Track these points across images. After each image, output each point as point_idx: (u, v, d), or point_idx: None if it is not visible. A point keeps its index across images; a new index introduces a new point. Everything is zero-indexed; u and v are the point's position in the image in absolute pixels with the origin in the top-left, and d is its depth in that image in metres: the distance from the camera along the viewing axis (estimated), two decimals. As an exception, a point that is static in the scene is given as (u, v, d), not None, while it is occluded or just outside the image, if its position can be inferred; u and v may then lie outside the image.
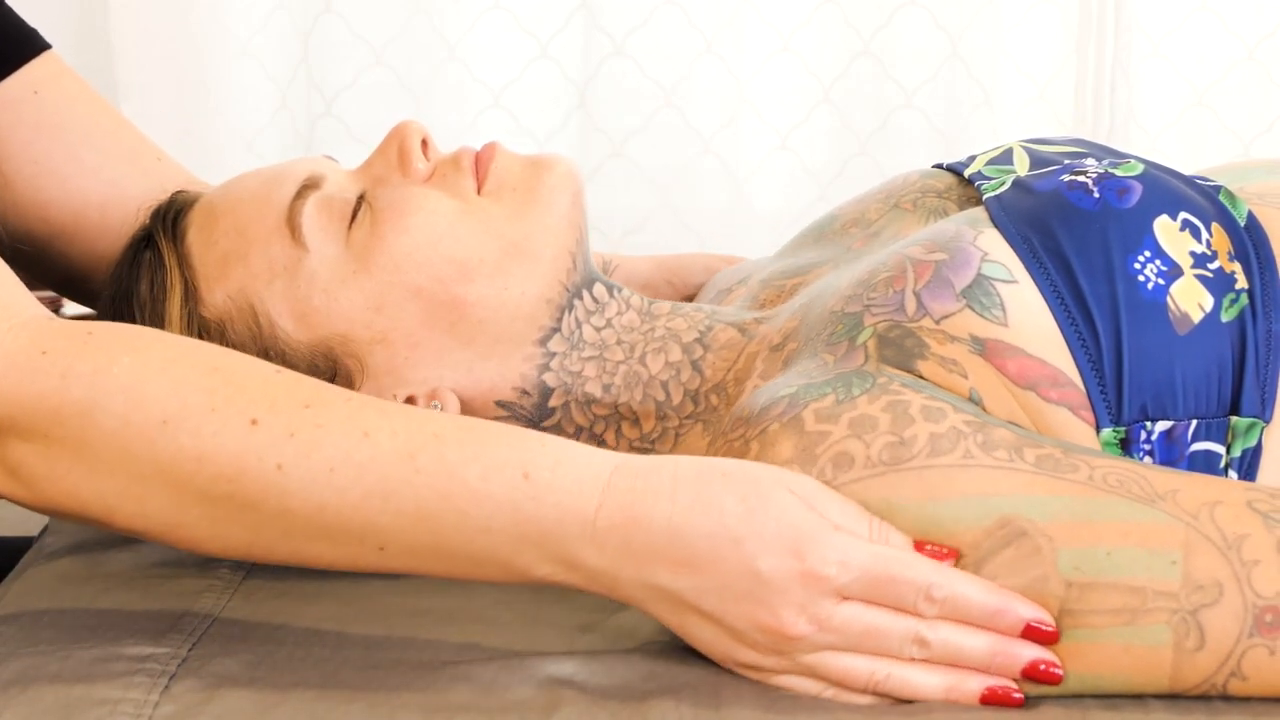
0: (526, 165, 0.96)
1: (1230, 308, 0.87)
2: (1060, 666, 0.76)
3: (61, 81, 1.13)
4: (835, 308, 0.91)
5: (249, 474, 0.77)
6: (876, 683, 0.77)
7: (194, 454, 0.77)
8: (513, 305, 0.93)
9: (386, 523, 0.78)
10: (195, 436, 0.77)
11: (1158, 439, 0.86)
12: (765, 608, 0.76)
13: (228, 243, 0.93)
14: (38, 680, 0.77)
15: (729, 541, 0.76)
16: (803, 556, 0.76)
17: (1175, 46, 1.92)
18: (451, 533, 0.78)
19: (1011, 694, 0.76)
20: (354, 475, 0.77)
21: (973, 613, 0.76)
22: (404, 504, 0.77)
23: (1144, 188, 0.90)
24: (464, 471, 0.78)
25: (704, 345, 0.96)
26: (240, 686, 0.77)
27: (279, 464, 0.77)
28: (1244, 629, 0.75)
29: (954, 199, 1.00)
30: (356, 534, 0.78)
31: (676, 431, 0.94)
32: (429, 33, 1.79)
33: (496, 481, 0.78)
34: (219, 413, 0.77)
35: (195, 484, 0.77)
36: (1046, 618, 0.76)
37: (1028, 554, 0.76)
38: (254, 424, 0.78)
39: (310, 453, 0.77)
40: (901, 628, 0.76)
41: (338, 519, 0.78)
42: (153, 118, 1.68)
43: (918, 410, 0.81)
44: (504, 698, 0.76)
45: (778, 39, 1.88)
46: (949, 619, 0.76)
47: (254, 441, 0.77)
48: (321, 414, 0.79)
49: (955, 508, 0.78)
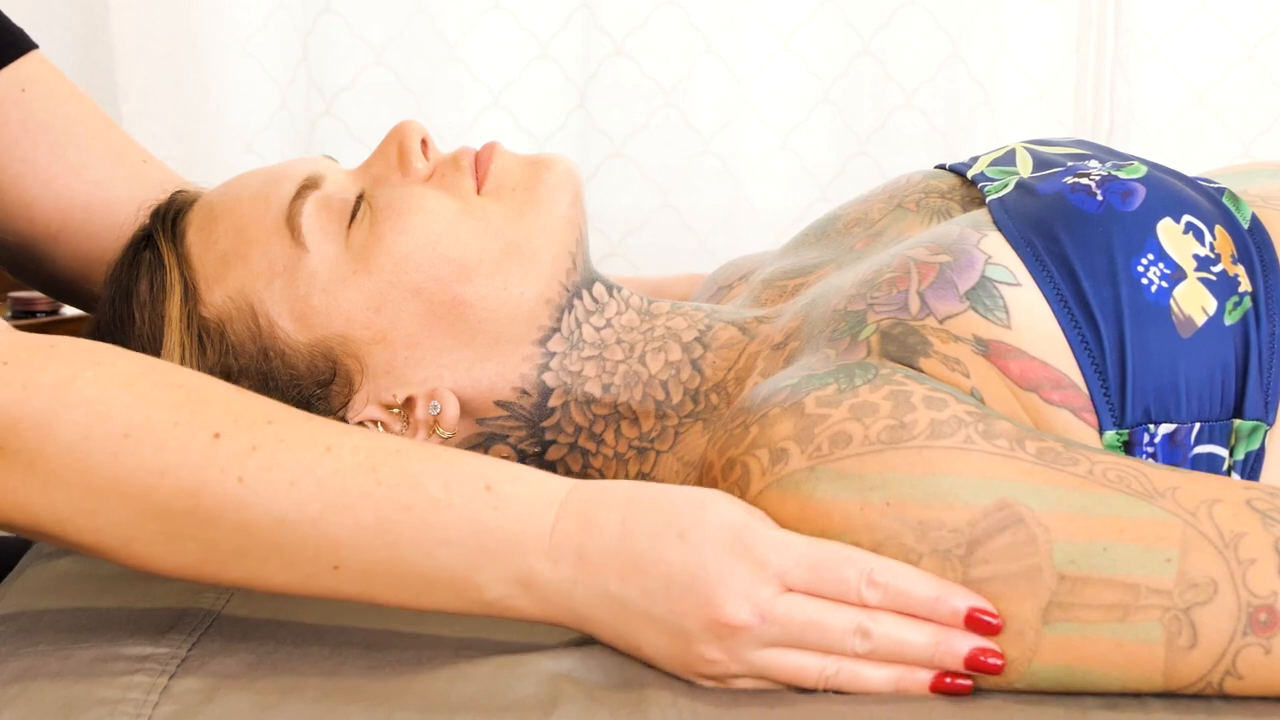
0: (526, 165, 0.96)
1: (1233, 311, 0.87)
2: (1001, 657, 0.76)
3: (48, 81, 1.13)
4: (838, 306, 0.91)
5: (210, 487, 0.77)
6: (827, 679, 0.77)
7: (156, 467, 0.77)
8: (512, 305, 0.93)
9: (344, 537, 0.77)
10: (158, 450, 0.77)
11: (1160, 442, 0.86)
12: (709, 600, 0.76)
13: (227, 242, 0.93)
14: (38, 680, 0.77)
15: (674, 535, 0.77)
16: (745, 546, 0.77)
17: (1175, 46, 1.92)
18: (409, 547, 0.78)
19: (959, 682, 0.77)
20: (315, 488, 0.77)
21: (915, 598, 0.77)
22: (364, 516, 0.77)
23: (1147, 190, 0.90)
24: (426, 482, 0.78)
25: (704, 344, 0.96)
26: (240, 686, 0.77)
27: (240, 477, 0.77)
28: (1238, 628, 0.75)
29: (957, 200, 1.00)
30: (312, 551, 0.78)
31: (676, 430, 0.94)
32: (429, 33, 1.79)
33: (458, 492, 0.79)
34: (182, 426, 0.77)
35: (154, 498, 0.77)
36: (989, 606, 0.76)
37: (1023, 541, 0.76)
38: (217, 438, 0.77)
39: (272, 466, 0.77)
40: (844, 618, 0.77)
41: (295, 534, 0.77)
42: (153, 118, 1.68)
43: (920, 399, 0.82)
44: (504, 695, 0.76)
45: (778, 39, 1.88)
46: (891, 610, 0.77)
47: (216, 455, 0.77)
48: (284, 430, 0.79)
49: (953, 483, 0.78)
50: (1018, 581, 0.76)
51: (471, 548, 0.78)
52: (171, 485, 0.77)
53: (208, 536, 0.78)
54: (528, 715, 0.74)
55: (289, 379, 0.92)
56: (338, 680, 0.78)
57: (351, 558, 0.78)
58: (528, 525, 0.78)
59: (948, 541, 0.77)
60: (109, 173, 1.12)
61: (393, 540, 0.78)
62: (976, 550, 0.77)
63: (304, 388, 0.92)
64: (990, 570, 0.76)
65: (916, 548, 0.77)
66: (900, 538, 0.78)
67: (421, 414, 0.93)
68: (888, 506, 0.78)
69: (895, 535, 0.78)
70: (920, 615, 0.77)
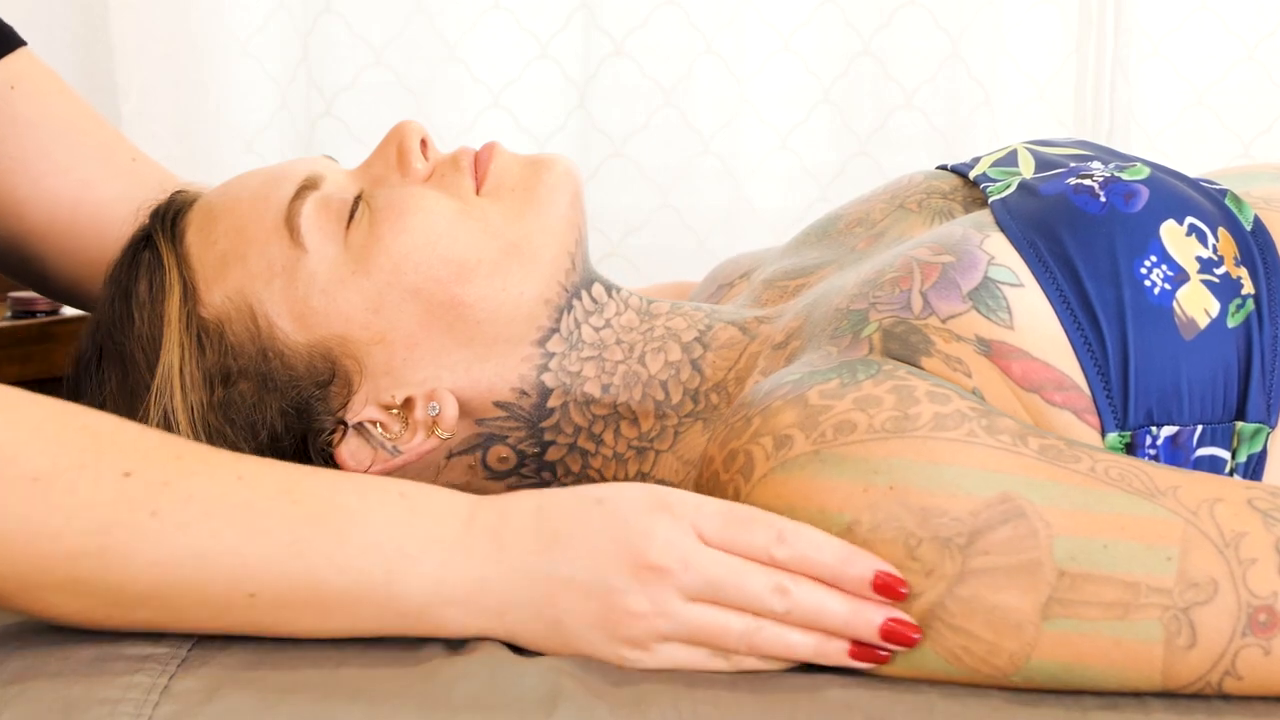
0: (525, 165, 0.96)
1: (1236, 313, 0.87)
2: (918, 631, 0.77)
3: (38, 78, 1.12)
4: (840, 305, 0.91)
5: (122, 523, 0.76)
6: (749, 637, 0.78)
7: (65, 509, 0.76)
8: (511, 306, 0.93)
9: (260, 561, 0.77)
10: (67, 492, 0.76)
11: (1163, 444, 0.86)
12: (633, 546, 0.78)
13: (226, 243, 0.93)
14: (38, 679, 0.76)
15: (592, 503, 0.79)
16: (664, 503, 0.79)
17: (1175, 46, 1.92)
18: (324, 563, 0.77)
19: (877, 652, 0.78)
20: (229, 515, 0.77)
21: (824, 558, 0.78)
22: (279, 536, 0.77)
23: (1150, 192, 0.90)
24: (341, 498, 0.79)
25: (704, 344, 0.96)
26: (240, 686, 0.77)
27: (153, 511, 0.76)
28: (1237, 628, 0.75)
29: (959, 200, 1.01)
30: (227, 579, 0.77)
31: (676, 430, 0.94)
32: (429, 33, 1.79)
33: (374, 500, 0.79)
34: (90, 469, 0.76)
35: (64, 542, 0.76)
36: (896, 571, 0.77)
37: (1024, 535, 0.76)
38: (127, 476, 0.77)
39: (185, 498, 0.77)
40: (763, 575, 0.78)
41: (210, 563, 0.77)
42: (153, 118, 1.68)
43: (923, 393, 0.82)
44: (504, 695, 0.76)
45: (778, 39, 1.88)
46: (802, 573, 0.78)
47: (127, 492, 0.76)
48: (195, 464, 0.79)
49: (957, 473, 0.78)
50: (1018, 575, 0.76)
51: (389, 552, 0.78)
52: (81, 525, 0.76)
53: (117, 579, 0.77)
54: (528, 714, 0.74)
55: (288, 379, 0.92)
56: (338, 680, 0.78)
57: (267, 583, 0.77)
58: (443, 520, 0.79)
59: (949, 529, 0.77)
60: (96, 171, 1.12)
61: (309, 557, 0.77)
62: (977, 541, 0.77)
63: (302, 388, 0.92)
64: (990, 561, 0.76)
65: (917, 532, 0.77)
66: (901, 520, 0.78)
67: (420, 414, 0.93)
68: (891, 490, 0.78)
69: (896, 518, 0.78)
70: (828, 580, 0.78)
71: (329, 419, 0.92)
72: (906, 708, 0.76)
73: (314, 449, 0.92)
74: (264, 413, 0.91)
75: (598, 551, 0.78)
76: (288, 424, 0.91)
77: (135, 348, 0.92)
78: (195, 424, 0.90)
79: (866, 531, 0.78)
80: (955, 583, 0.76)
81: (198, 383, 0.91)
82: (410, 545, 0.78)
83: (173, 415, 0.90)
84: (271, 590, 0.78)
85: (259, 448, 0.91)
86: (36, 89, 1.12)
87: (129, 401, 0.91)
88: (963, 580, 0.76)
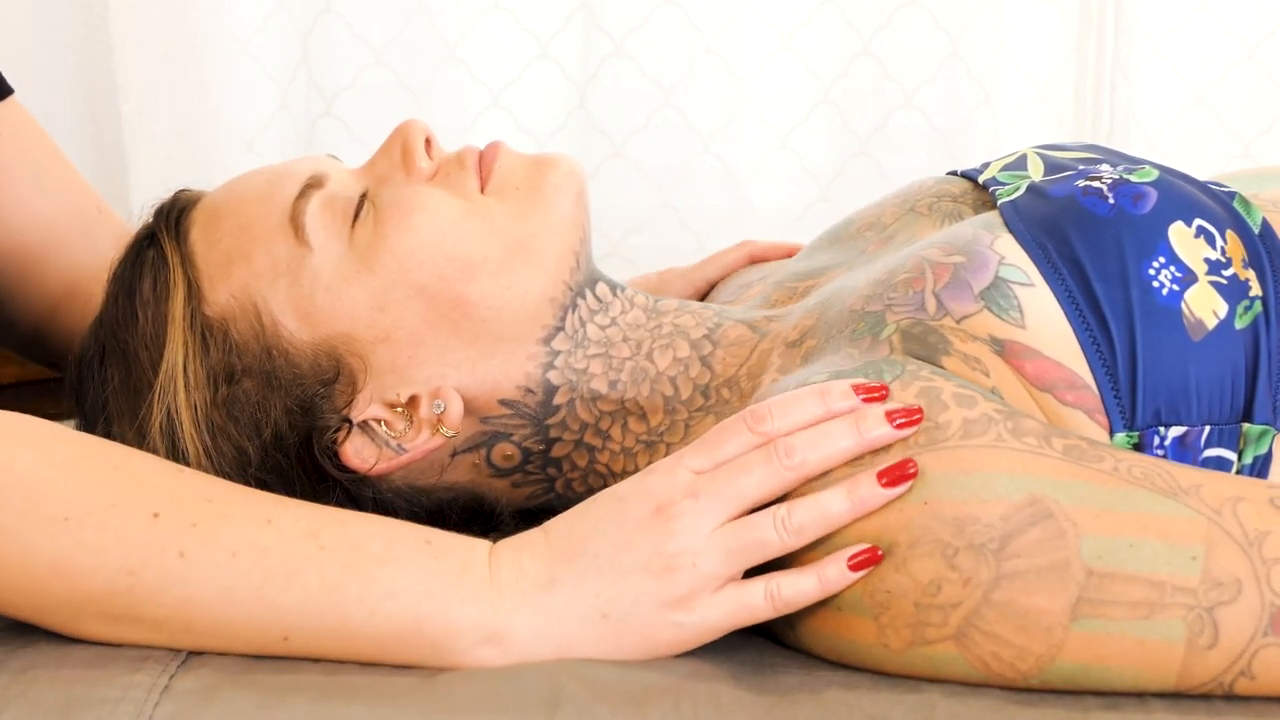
0: (530, 164, 0.96)
1: (1244, 315, 0.87)
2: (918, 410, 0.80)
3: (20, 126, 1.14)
4: (855, 307, 0.91)
5: (150, 565, 0.77)
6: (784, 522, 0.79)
7: (94, 548, 0.77)
8: (516, 304, 0.93)
9: (289, 604, 0.78)
10: (97, 531, 0.77)
11: (1171, 444, 0.86)
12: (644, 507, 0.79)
13: (231, 241, 0.93)
14: (38, 678, 0.76)
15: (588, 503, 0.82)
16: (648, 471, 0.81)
17: (1175, 46, 1.92)
18: (355, 606, 0.78)
19: (907, 468, 0.78)
20: (257, 557, 0.78)
21: (804, 409, 0.80)
22: (308, 579, 0.78)
23: (1159, 194, 0.90)
24: (368, 544, 0.80)
25: (713, 341, 0.97)
26: (240, 685, 0.77)
27: (181, 551, 0.77)
28: (1259, 628, 0.75)
29: (969, 204, 1.01)
30: (259, 621, 0.78)
31: (686, 423, 0.94)
32: (429, 33, 1.79)
33: (400, 547, 0.80)
34: (120, 508, 0.78)
35: (95, 580, 0.77)
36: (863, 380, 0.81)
37: (1052, 536, 0.76)
38: (156, 517, 0.78)
39: (212, 539, 0.78)
40: (763, 453, 0.80)
41: (240, 605, 0.78)
42: (153, 118, 1.68)
43: (949, 396, 0.82)
44: (505, 695, 0.76)
45: (778, 39, 1.88)
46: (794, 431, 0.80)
47: (156, 534, 0.77)
48: (224, 506, 0.80)
49: (986, 479, 0.78)
50: (1048, 576, 0.76)
51: (417, 595, 0.78)
52: (112, 565, 0.77)
53: (151, 616, 0.78)
54: (529, 715, 0.74)
55: (292, 378, 0.91)
56: (338, 679, 0.78)
57: (299, 625, 0.78)
58: (469, 568, 0.80)
59: (982, 536, 0.77)
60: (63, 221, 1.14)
61: (338, 600, 0.78)
62: (1009, 544, 0.76)
63: (307, 386, 0.91)
64: (1022, 564, 0.76)
65: (953, 542, 0.77)
66: (937, 533, 0.77)
67: (425, 412, 0.93)
68: (925, 505, 0.78)
69: (931, 530, 0.78)
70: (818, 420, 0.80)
71: (334, 417, 0.92)
72: (906, 708, 0.76)
73: (319, 447, 0.92)
74: (268, 411, 0.91)
75: (612, 531, 0.79)
76: (292, 422, 0.91)
77: (139, 346, 0.91)
78: (199, 422, 0.90)
79: (905, 550, 0.78)
80: (991, 588, 0.76)
81: (201, 381, 0.91)
82: (437, 588, 0.79)
83: (176, 414, 0.90)
84: (304, 632, 0.79)
85: (263, 446, 0.91)
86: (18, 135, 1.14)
87: (132, 400, 0.91)
88: (997, 585, 0.76)
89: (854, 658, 0.80)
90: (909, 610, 0.77)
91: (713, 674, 0.79)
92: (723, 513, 0.79)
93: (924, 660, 0.78)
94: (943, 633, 0.77)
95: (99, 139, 1.73)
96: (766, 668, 0.81)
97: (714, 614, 0.79)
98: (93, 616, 0.78)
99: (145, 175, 1.66)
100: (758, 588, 0.80)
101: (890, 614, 0.78)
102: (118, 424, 0.91)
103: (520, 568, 0.80)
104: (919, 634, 0.77)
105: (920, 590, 0.77)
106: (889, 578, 0.78)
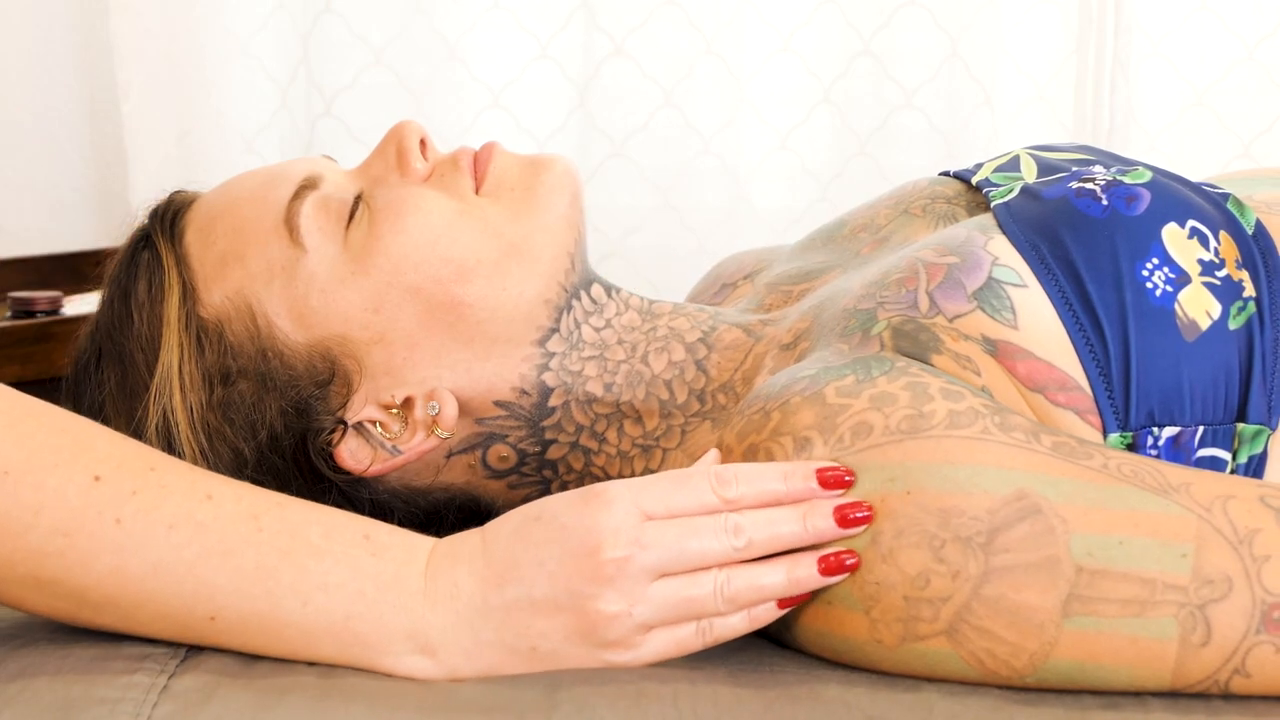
0: (525, 165, 0.96)
1: (1238, 315, 0.87)
2: (869, 509, 0.78)
3: None
4: (848, 306, 0.91)
5: (86, 528, 0.76)
6: (723, 590, 0.78)
7: (32, 505, 0.76)
8: (511, 306, 0.93)
9: (221, 583, 0.77)
10: (36, 489, 0.76)
11: (1164, 445, 0.86)
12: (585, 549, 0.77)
13: (226, 243, 0.93)
14: (37, 678, 0.76)
15: (530, 520, 0.79)
16: (593, 495, 0.79)
17: (1175, 46, 1.92)
18: (287, 593, 0.77)
19: (845, 560, 0.78)
20: (193, 532, 0.77)
21: (766, 483, 0.79)
22: (242, 561, 0.77)
23: (1152, 195, 0.90)
24: (306, 530, 0.79)
25: (708, 345, 0.97)
26: (240, 685, 0.77)
27: (118, 519, 0.77)
28: (1251, 625, 0.75)
29: (963, 205, 1.01)
30: (188, 599, 0.77)
31: (683, 429, 0.94)
32: (429, 33, 1.79)
33: (338, 539, 0.79)
34: (62, 468, 0.77)
35: (29, 537, 0.76)
36: (834, 464, 0.79)
37: (1041, 532, 0.76)
38: (97, 480, 0.77)
39: (151, 510, 0.77)
40: (713, 522, 0.79)
41: (171, 580, 0.77)
42: (153, 118, 1.68)
43: (936, 390, 0.82)
44: (504, 695, 0.76)
45: (778, 39, 1.87)
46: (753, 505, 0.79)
47: (95, 497, 0.77)
48: (166, 476, 0.79)
49: (972, 472, 0.78)
50: (1038, 572, 0.76)
51: (350, 593, 0.78)
52: (48, 524, 0.76)
53: (79, 582, 0.77)
54: (528, 715, 0.74)
55: (287, 379, 0.92)
56: (338, 679, 0.78)
57: (228, 606, 0.77)
58: (404, 569, 0.79)
59: (969, 529, 0.77)
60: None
61: (271, 586, 0.77)
62: (997, 538, 0.76)
63: (302, 388, 0.92)
64: (1011, 559, 0.76)
65: (939, 534, 0.77)
66: (922, 524, 0.77)
67: (420, 414, 0.93)
68: (908, 495, 0.78)
69: (917, 522, 0.78)
70: (777, 500, 0.79)
71: (328, 418, 0.92)
72: (905, 707, 0.76)
73: (313, 448, 0.92)
74: (263, 412, 0.91)
75: (551, 567, 0.78)
76: (287, 423, 0.91)
77: (134, 348, 0.92)
78: (194, 424, 0.90)
79: (891, 539, 0.78)
80: (980, 583, 0.76)
81: (197, 382, 0.91)
82: (370, 588, 0.78)
83: (171, 415, 0.90)
84: (232, 614, 0.78)
85: (258, 447, 0.91)
86: None
87: (128, 402, 0.91)
88: (987, 580, 0.76)
89: (850, 655, 0.80)
90: (899, 604, 0.77)
91: (711, 673, 0.79)
92: (664, 569, 0.78)
93: (919, 657, 0.78)
94: (934, 628, 0.77)
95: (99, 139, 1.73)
96: (765, 667, 0.81)
97: (645, 652, 0.79)
98: (22, 579, 0.77)
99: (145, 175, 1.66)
100: (689, 625, 0.80)
101: (880, 607, 0.78)
102: (114, 425, 0.91)
103: (456, 584, 0.79)
104: (911, 629, 0.77)
105: (909, 583, 0.77)
106: (876, 569, 0.78)
